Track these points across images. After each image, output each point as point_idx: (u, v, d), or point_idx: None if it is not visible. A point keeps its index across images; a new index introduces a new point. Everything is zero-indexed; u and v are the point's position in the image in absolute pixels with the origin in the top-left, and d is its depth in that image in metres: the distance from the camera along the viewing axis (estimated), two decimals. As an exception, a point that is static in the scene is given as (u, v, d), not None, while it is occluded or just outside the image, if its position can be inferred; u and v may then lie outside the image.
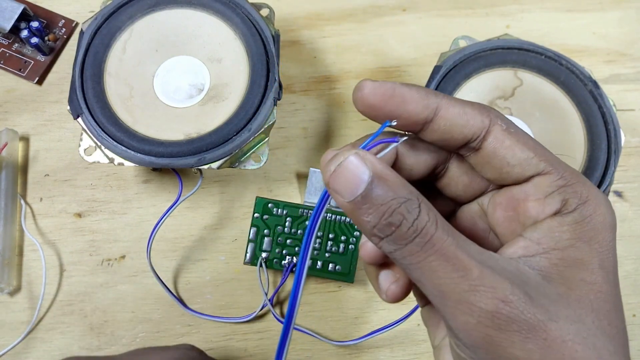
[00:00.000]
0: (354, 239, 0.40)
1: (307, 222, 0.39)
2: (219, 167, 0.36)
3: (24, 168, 0.43)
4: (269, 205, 0.40)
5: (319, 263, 0.39)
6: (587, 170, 0.37)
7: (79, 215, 0.42)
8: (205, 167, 0.36)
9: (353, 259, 0.40)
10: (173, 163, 0.36)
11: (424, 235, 0.19)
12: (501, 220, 0.23)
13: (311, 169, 0.41)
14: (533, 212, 0.22)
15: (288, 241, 0.40)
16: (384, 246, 0.20)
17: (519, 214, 0.22)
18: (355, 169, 0.20)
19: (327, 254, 0.40)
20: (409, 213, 0.19)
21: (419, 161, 0.23)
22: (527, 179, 0.22)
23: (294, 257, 0.40)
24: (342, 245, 0.40)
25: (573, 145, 0.38)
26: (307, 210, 0.40)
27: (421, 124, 0.22)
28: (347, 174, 0.20)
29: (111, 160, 0.36)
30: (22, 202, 0.42)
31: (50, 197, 0.42)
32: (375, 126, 0.22)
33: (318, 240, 0.39)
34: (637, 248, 0.43)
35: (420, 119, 0.22)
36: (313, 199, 0.41)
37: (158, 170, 0.43)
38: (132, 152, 0.36)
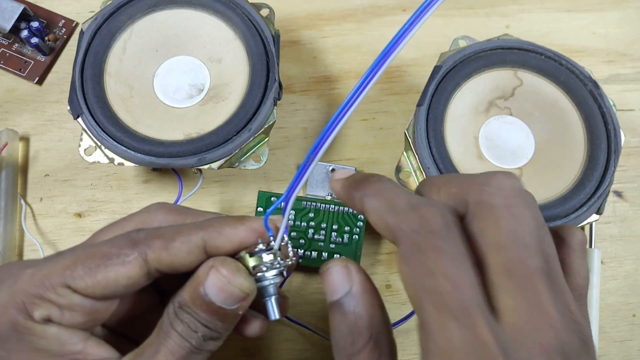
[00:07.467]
0: (358, 229, 0.40)
1: (310, 214, 0.39)
2: (219, 167, 0.36)
3: (24, 168, 0.43)
4: (272, 199, 0.40)
5: (324, 254, 0.39)
6: (587, 170, 0.37)
7: (79, 215, 0.42)
8: (205, 167, 0.36)
9: (357, 249, 0.40)
10: (173, 163, 0.36)
11: None
12: None
13: None
14: None
15: (292, 234, 0.39)
16: None
17: None
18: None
19: (331, 245, 0.39)
20: None
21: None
22: None
23: (298, 250, 0.39)
24: (346, 236, 0.40)
25: (573, 145, 0.38)
26: (309, 203, 0.40)
27: None
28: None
29: (111, 160, 0.36)
30: (22, 202, 0.42)
31: (50, 197, 0.42)
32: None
33: (322, 232, 0.39)
34: (637, 248, 0.43)
35: None
36: (315, 192, 0.41)
37: (158, 170, 0.43)
38: (132, 152, 0.36)
